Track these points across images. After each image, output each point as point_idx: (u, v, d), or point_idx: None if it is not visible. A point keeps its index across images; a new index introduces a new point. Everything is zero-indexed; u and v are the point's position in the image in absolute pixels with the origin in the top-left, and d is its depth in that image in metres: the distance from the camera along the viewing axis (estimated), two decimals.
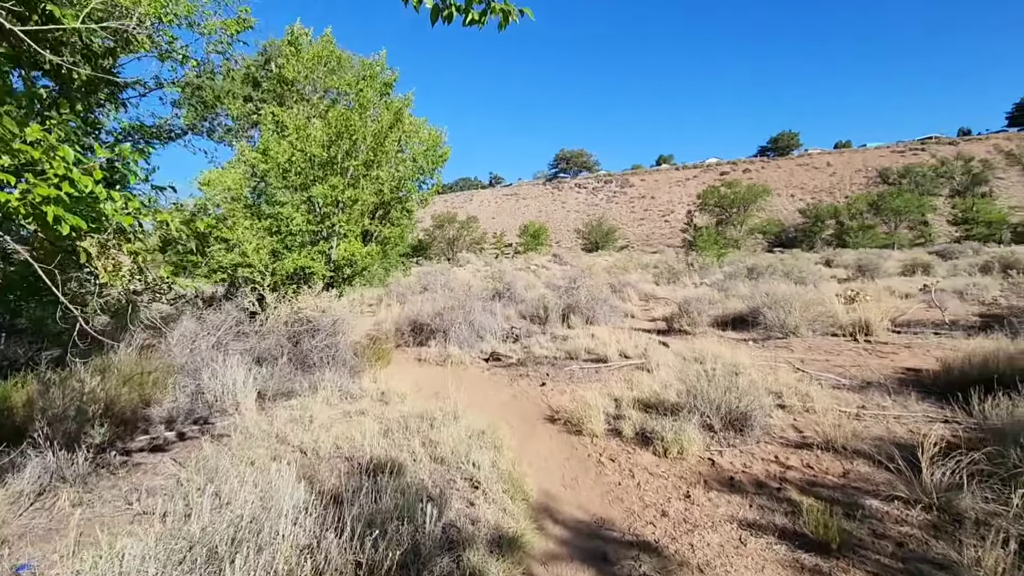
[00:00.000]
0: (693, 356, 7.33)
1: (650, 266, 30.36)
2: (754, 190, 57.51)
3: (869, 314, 8.90)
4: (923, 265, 21.40)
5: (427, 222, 66.40)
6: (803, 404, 5.12)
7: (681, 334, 9.92)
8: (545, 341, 9.22)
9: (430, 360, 8.32)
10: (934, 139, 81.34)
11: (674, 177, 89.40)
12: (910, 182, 60.79)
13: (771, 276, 18.85)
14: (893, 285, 16.26)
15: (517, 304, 13.63)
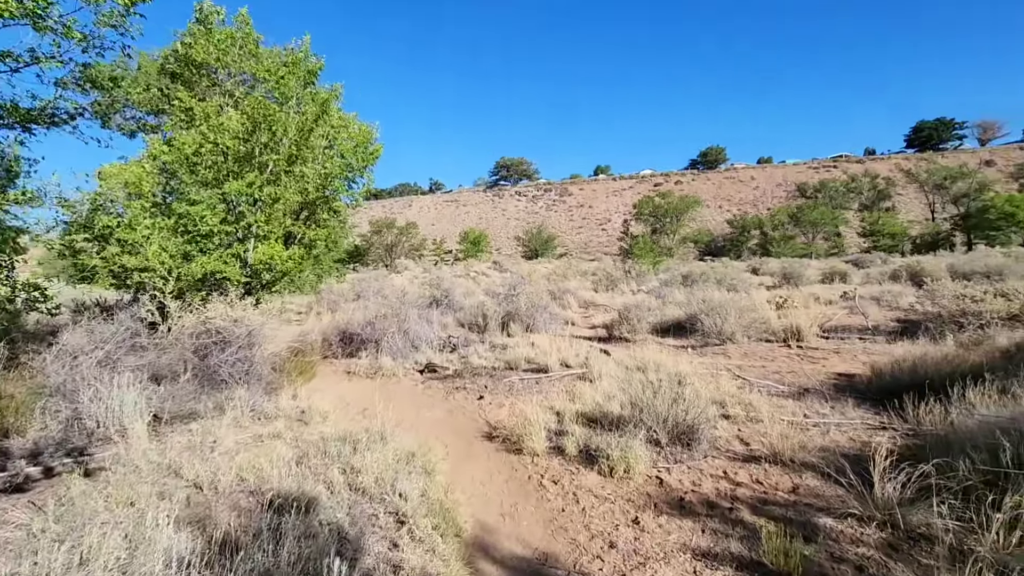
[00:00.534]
0: (635, 364, 7.16)
1: (589, 273, 30.68)
2: (686, 201, 59.82)
3: (799, 320, 9.12)
4: (840, 273, 22.72)
5: (365, 227, 64.64)
6: (747, 414, 5.00)
7: (622, 341, 9.81)
8: (484, 351, 8.83)
9: (360, 373, 7.72)
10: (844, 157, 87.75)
11: (611, 187, 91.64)
12: (825, 196, 65.08)
13: (705, 283, 19.38)
14: (816, 292, 17.07)
15: (455, 312, 13.17)
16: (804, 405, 5.40)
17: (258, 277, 7.04)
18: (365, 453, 3.99)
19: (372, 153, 7.35)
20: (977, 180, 55.88)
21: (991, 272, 17.59)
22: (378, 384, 7.24)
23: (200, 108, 6.37)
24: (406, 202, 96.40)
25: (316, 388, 6.96)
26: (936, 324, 8.24)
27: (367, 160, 7.31)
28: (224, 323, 6.15)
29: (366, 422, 5.06)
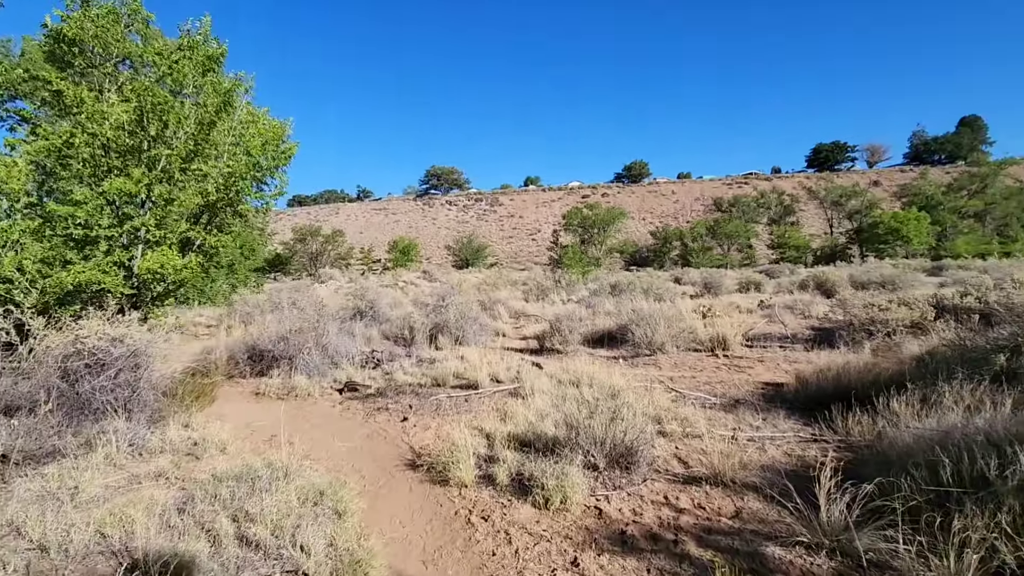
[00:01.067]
0: (568, 378, 6.91)
1: (519, 283, 30.60)
2: (612, 212, 61.67)
3: (725, 330, 9.29)
4: (755, 283, 23.96)
5: (287, 235, 61.48)
6: (683, 429, 4.84)
7: (553, 353, 9.58)
8: (410, 366, 8.30)
9: (270, 394, 6.96)
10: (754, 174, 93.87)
11: (540, 198, 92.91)
12: (738, 211, 69.21)
13: (632, 293, 19.75)
14: (735, 301, 17.78)
15: (381, 324, 12.49)
16: (737, 417, 5.33)
17: (147, 288, 6.15)
18: (264, 495, 3.41)
19: (285, 152, 6.64)
20: (867, 198, 61.57)
21: (885, 281, 19.10)
22: (290, 406, 6.53)
23: (73, 92, 5.42)
24: (332, 209, 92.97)
25: (217, 414, 6.17)
26: (848, 332, 8.62)
27: (279, 160, 6.60)
28: (101, 342, 5.27)
29: (271, 453, 4.44)
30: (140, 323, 6.22)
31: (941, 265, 31.35)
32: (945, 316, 8.07)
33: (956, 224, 54.03)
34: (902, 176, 78.28)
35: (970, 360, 4.52)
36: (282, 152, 6.62)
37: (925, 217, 49.98)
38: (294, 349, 7.69)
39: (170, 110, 5.64)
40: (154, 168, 5.84)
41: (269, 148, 6.38)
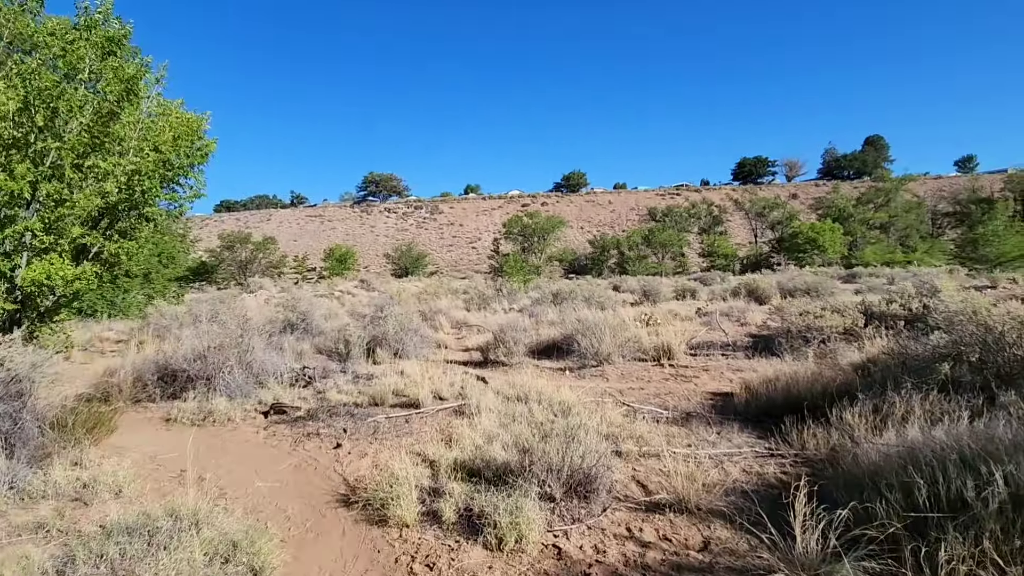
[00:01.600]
0: (515, 393, 6.59)
1: (460, 291, 30.13)
2: (552, 221, 62.41)
3: (669, 339, 9.29)
4: (690, 290, 24.67)
5: (214, 242, 57.92)
6: (639, 448, 4.62)
7: (499, 366, 9.25)
8: (345, 383, 7.71)
9: (183, 419, 6.20)
10: (685, 186, 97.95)
11: (481, 206, 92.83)
12: (671, 220, 71.90)
13: (574, 301, 19.79)
14: (673, 308, 18.12)
15: (314, 337, 11.73)
16: (690, 431, 5.20)
17: (32, 303, 5.27)
18: (162, 552, 2.85)
19: (201, 149, 5.92)
20: (787, 210, 65.61)
21: (809, 288, 20.10)
22: (206, 434, 5.82)
23: None
24: (264, 215, 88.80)
25: (117, 446, 5.39)
26: (787, 340, 8.82)
27: (194, 158, 5.87)
28: None
29: (177, 495, 3.83)
30: (25, 343, 5.36)
31: (854, 272, 33.68)
32: (874, 322, 8.41)
33: (865, 235, 58.43)
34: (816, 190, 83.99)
35: (914, 369, 4.58)
36: (197, 149, 5.88)
37: (838, 228, 53.72)
38: (213, 368, 6.94)
39: (60, 96, 4.85)
40: (41, 164, 5.01)
41: (182, 144, 5.63)
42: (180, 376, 6.89)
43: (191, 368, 6.83)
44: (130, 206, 5.45)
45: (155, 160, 5.36)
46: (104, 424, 5.22)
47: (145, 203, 5.40)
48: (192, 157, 5.81)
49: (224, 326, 7.56)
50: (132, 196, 5.29)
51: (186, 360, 6.86)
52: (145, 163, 5.25)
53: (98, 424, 5.16)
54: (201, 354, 6.87)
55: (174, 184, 5.91)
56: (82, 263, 5.28)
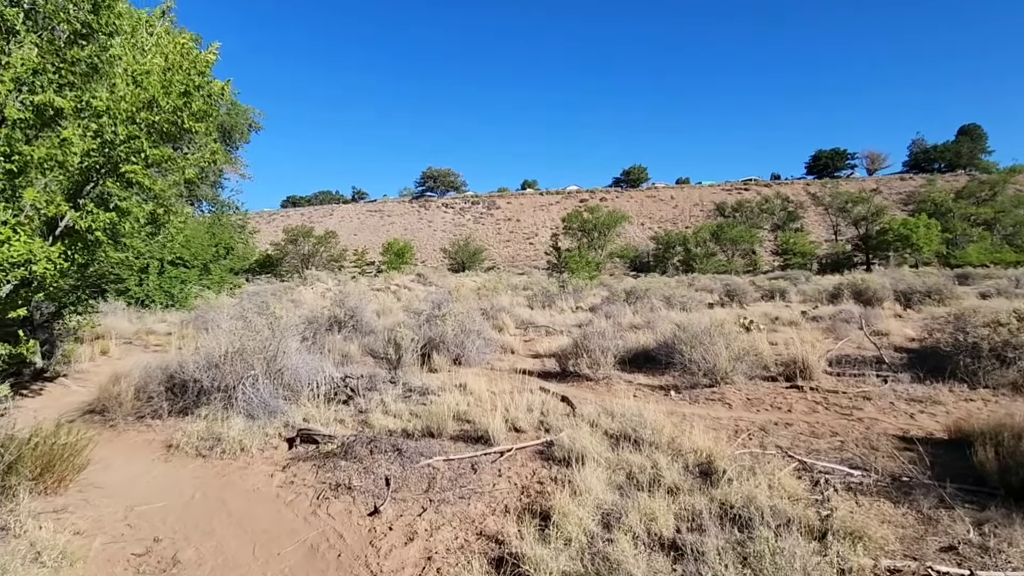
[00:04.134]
0: (619, 428, 4.79)
1: (520, 288, 28.49)
2: (613, 216, 59.74)
3: (803, 351, 7.19)
4: (779, 290, 21.91)
5: (279, 235, 59.16)
6: (874, 562, 2.71)
7: (581, 380, 7.45)
8: (394, 398, 6.16)
9: (187, 447, 4.79)
10: (754, 180, 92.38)
11: (538, 201, 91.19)
12: (742, 216, 67.64)
13: (650, 300, 17.67)
14: (768, 311, 15.74)
15: (363, 336, 10.34)
16: (926, 519, 3.22)
17: None
18: None
19: (201, 87, 4.46)
20: (874, 205, 59.87)
21: (930, 290, 17.08)
22: (209, 471, 4.37)
23: None
24: (326, 210, 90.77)
25: (96, 486, 4.02)
26: (972, 357, 6.54)
27: (194, 101, 4.42)
28: None
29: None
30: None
31: (965, 273, 29.50)
32: None
33: (967, 232, 52.54)
34: (902, 184, 76.92)
35: None
36: (197, 86, 4.39)
37: (936, 224, 48.39)
38: (232, 378, 5.53)
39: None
40: None
41: (175, 80, 4.20)
42: (192, 387, 5.52)
43: (204, 378, 5.44)
44: (104, 163, 4.08)
45: (133, 98, 3.94)
46: (68, 461, 3.83)
47: (125, 159, 4.01)
48: (192, 100, 4.36)
49: (251, 325, 6.16)
50: (103, 149, 3.91)
51: (200, 368, 5.48)
52: (117, 102, 3.84)
53: (58, 462, 3.77)
54: (216, 362, 5.47)
55: (167, 136, 4.50)
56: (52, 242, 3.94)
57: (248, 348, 5.73)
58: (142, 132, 4.04)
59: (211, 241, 21.03)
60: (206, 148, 5.05)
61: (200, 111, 4.49)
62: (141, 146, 4.01)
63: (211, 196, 24.06)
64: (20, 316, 3.90)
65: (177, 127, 4.35)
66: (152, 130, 4.19)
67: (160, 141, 4.37)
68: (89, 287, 8.53)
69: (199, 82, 4.33)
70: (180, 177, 4.75)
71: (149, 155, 4.08)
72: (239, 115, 24.56)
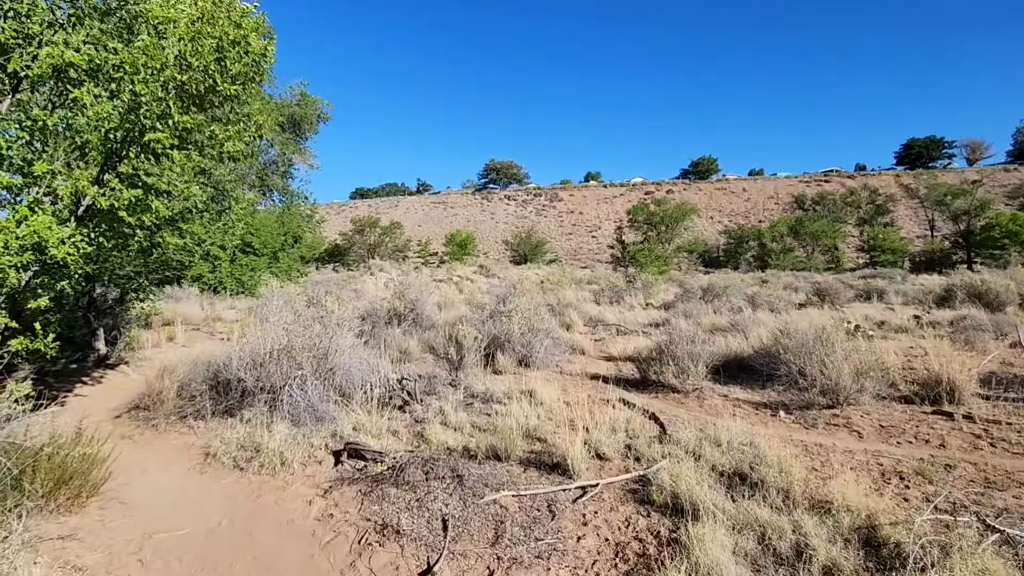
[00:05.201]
0: (730, 463, 3.81)
1: (584, 281, 27.39)
2: (683, 209, 57.13)
3: (948, 367, 5.84)
4: (876, 290, 19.66)
5: (347, 226, 60.83)
6: None
7: (666, 391, 6.44)
8: (454, 406, 5.43)
9: (224, 457, 4.24)
10: (835, 172, 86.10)
11: (601, 194, 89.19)
12: (824, 209, 63.07)
13: (731, 299, 16.17)
14: (869, 313, 13.98)
15: (424, 331, 9.75)
16: None
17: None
18: None
19: (238, 43, 3.81)
20: (978, 198, 53.77)
21: None
22: (242, 489, 3.78)
23: None
24: (392, 202, 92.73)
25: (115, 500, 3.51)
26: None
27: (231, 61, 3.75)
28: None
29: None
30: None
31: None
32: None
33: None
34: (1007, 176, 69.14)
35: None
36: (235, 44, 3.76)
37: None
38: (280, 377, 4.97)
39: None
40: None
41: (206, 33, 3.55)
42: (236, 387, 5.00)
43: (248, 378, 4.91)
44: (128, 131, 3.54)
45: (156, 51, 3.33)
46: (85, 475, 3.31)
47: (150, 127, 3.44)
48: (227, 57, 3.73)
49: (301, 319, 5.60)
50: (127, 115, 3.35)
51: (241, 366, 4.95)
52: (137, 56, 3.26)
53: (74, 476, 3.26)
54: (261, 360, 4.92)
55: (203, 106, 3.90)
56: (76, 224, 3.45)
57: (296, 345, 5.15)
58: (169, 95, 3.47)
59: (280, 230, 21.33)
60: (250, 121, 4.47)
61: (239, 74, 3.89)
62: (168, 110, 3.44)
63: (281, 186, 24.48)
64: (42, 306, 3.42)
65: (211, 91, 3.76)
66: (183, 94, 3.63)
67: (193, 108, 3.81)
68: (152, 273, 8.37)
69: (234, 36, 3.69)
70: (219, 152, 4.19)
71: (178, 121, 3.51)
72: (308, 106, 24.82)
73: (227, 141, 4.08)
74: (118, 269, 8.13)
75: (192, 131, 3.71)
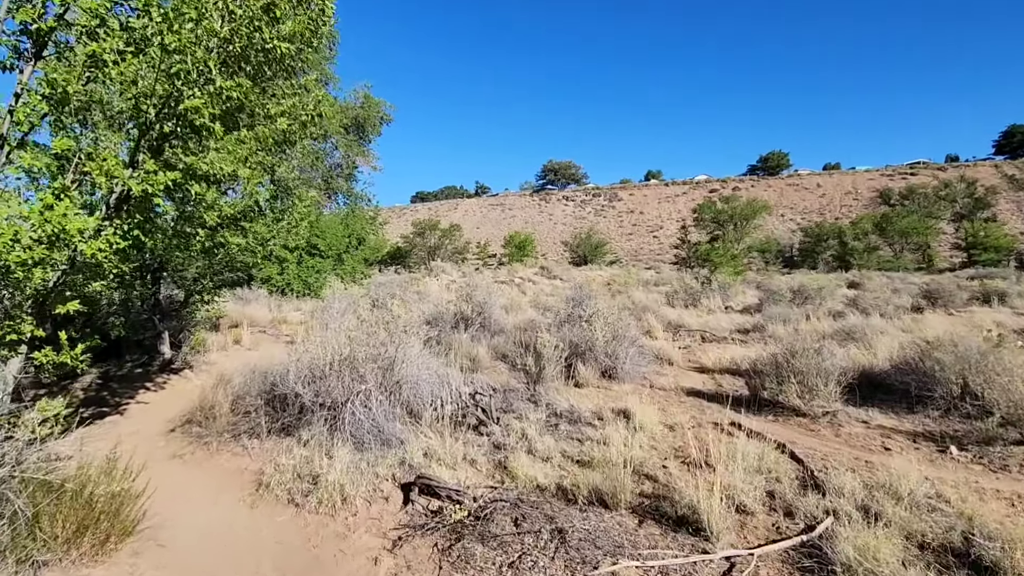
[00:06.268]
0: (931, 530, 2.79)
1: (651, 283, 26.02)
2: (753, 206, 54.07)
3: None
4: (996, 292, 17.28)
5: (408, 229, 61.70)
6: None
7: (788, 414, 5.36)
8: (538, 429, 4.63)
9: (279, 488, 3.62)
10: (923, 164, 79.40)
11: (663, 193, 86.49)
12: (913, 204, 58.15)
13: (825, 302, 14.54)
14: (1000, 319, 12.09)
15: (492, 336, 9.03)
16: None
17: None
18: None
19: None
20: None
21: None
22: (298, 534, 3.13)
23: None
24: (451, 204, 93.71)
25: (152, 542, 2.94)
26: None
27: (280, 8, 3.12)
28: None
29: None
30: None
31: None
32: None
33: None
34: None
35: None
36: None
37: None
38: (341, 392, 4.34)
39: None
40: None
41: None
42: (293, 402, 4.41)
43: (306, 393, 4.30)
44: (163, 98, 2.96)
45: None
46: (114, 516, 2.74)
47: (188, 93, 2.83)
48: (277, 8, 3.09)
49: (364, 325, 4.96)
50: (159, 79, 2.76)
51: (299, 379, 4.35)
52: None
53: (101, 518, 2.69)
54: (320, 372, 4.30)
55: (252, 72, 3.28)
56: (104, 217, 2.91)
57: (359, 355, 4.51)
58: (210, 54, 2.87)
59: (344, 232, 21.38)
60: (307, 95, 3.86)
61: (293, 33, 3.27)
62: (207, 70, 2.85)
63: (346, 188, 24.64)
64: (71, 311, 2.90)
65: (261, 51, 3.15)
66: (226, 54, 3.04)
67: (239, 71, 3.22)
68: (217, 275, 8.11)
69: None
70: (271, 130, 3.58)
71: (222, 86, 2.92)
72: (372, 108, 24.87)
73: (280, 117, 3.48)
74: (182, 270, 7.94)
75: (238, 101, 3.10)
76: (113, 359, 7.83)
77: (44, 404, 2.99)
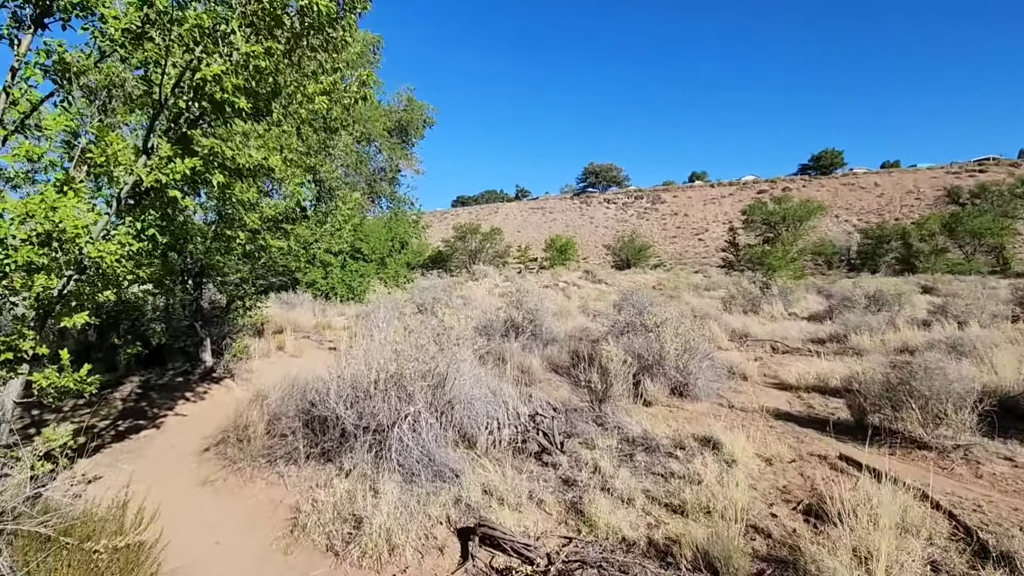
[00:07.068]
0: None
1: (702, 287, 24.83)
2: (808, 206, 51.50)
3: None
4: None
5: (449, 233, 61.86)
6: None
7: (907, 446, 4.50)
8: (613, 463, 3.96)
9: (316, 530, 3.09)
10: (993, 160, 74.12)
11: (708, 194, 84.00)
12: (986, 202, 54.26)
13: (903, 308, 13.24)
14: None
15: (545, 345, 8.40)
16: None
17: None
18: None
19: None
20: None
21: None
22: None
23: None
24: (492, 208, 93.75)
25: None
26: None
27: None
28: None
29: None
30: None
31: None
32: None
33: None
34: None
35: None
36: None
37: None
38: (387, 415, 3.80)
39: None
40: None
41: None
42: (334, 425, 3.90)
43: (348, 416, 3.78)
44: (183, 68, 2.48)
45: None
46: (126, 574, 2.26)
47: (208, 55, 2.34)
48: None
49: (412, 338, 4.42)
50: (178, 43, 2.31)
51: (340, 399, 3.83)
52: None
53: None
54: (364, 392, 3.76)
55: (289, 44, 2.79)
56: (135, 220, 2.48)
57: (407, 372, 3.96)
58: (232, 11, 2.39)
59: (388, 236, 21.21)
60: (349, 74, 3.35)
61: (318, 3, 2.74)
62: (227, 32, 2.36)
63: (389, 192, 24.55)
64: (81, 323, 2.47)
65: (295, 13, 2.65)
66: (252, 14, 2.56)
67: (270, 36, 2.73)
68: (259, 279, 7.79)
69: None
70: (306, 110, 3.08)
71: (248, 52, 2.44)
72: (415, 111, 24.72)
73: (317, 96, 2.98)
74: (225, 275, 7.67)
75: (268, 73, 2.61)
76: (156, 366, 7.62)
77: (49, 433, 2.56)
